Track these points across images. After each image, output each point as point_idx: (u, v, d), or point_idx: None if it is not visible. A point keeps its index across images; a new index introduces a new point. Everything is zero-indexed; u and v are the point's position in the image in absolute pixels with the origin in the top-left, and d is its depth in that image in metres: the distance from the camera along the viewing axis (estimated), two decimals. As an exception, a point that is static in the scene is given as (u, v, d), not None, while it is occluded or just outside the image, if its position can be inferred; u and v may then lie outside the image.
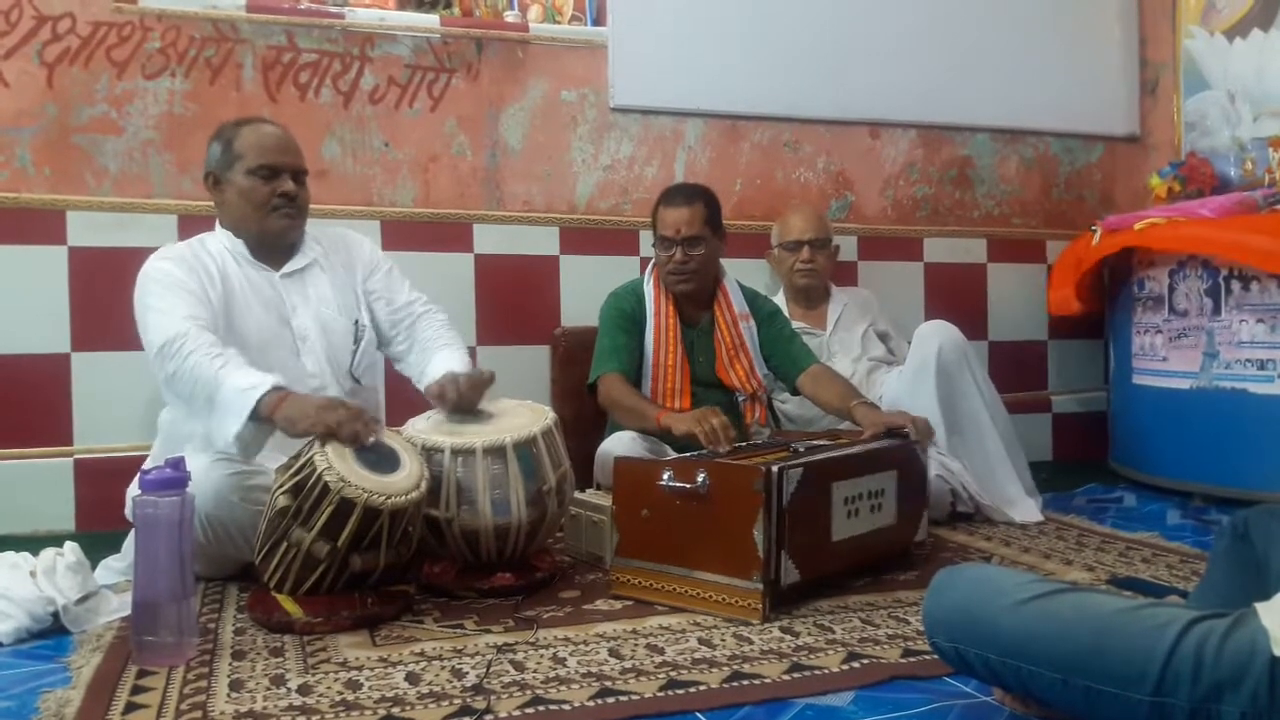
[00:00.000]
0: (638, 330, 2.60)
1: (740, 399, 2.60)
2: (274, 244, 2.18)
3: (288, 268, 2.19)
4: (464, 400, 2.02)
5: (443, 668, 1.53)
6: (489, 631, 1.71)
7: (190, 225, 2.65)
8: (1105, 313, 3.42)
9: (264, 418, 1.82)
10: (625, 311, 2.60)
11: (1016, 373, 3.53)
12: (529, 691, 1.42)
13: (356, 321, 2.24)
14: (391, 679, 1.48)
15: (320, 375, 2.14)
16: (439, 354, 2.23)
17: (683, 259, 2.54)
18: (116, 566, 2.04)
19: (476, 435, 1.93)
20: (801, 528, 1.80)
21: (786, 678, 1.48)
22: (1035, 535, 2.45)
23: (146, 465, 2.10)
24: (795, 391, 2.67)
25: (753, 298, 2.73)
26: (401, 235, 2.89)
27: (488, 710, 1.36)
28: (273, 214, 2.13)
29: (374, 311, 2.28)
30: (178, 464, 1.62)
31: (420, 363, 2.26)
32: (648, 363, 2.58)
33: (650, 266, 2.68)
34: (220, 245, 2.16)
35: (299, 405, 1.81)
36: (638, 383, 2.57)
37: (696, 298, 2.63)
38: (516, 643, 1.64)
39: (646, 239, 3.03)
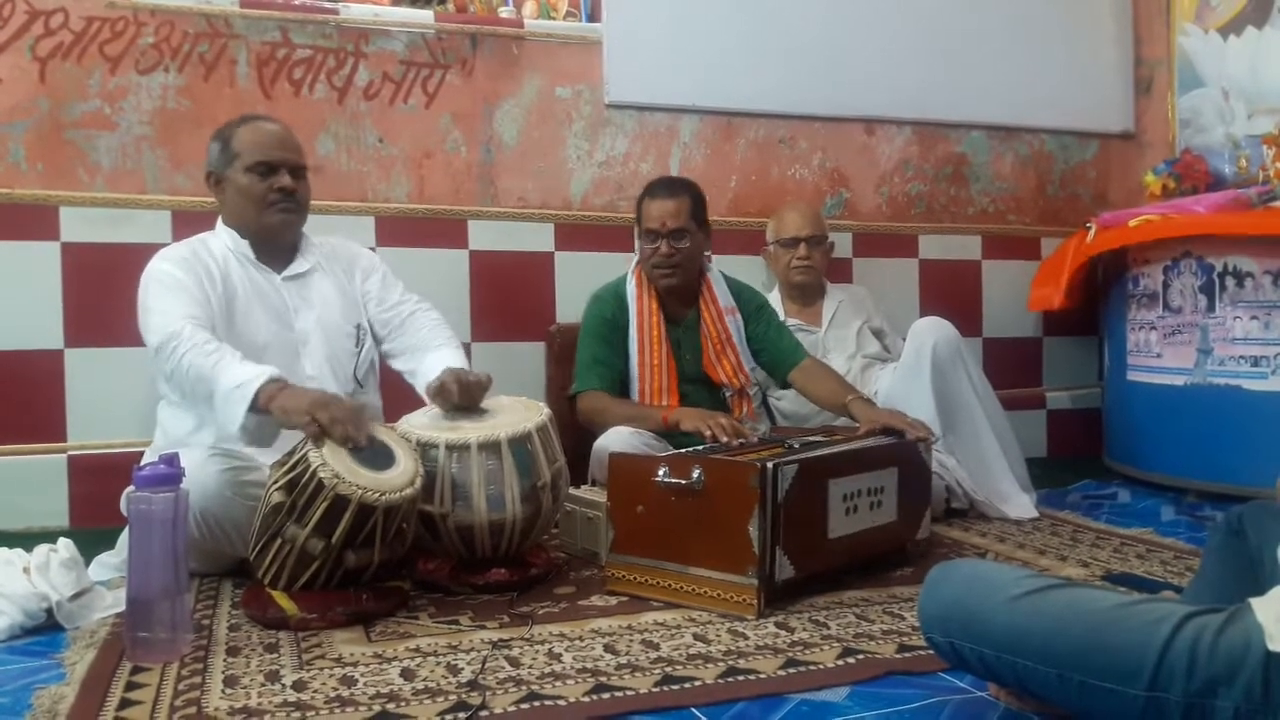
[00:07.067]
0: (619, 335, 2.58)
1: (728, 394, 2.60)
2: (274, 240, 2.18)
3: (290, 270, 2.20)
4: (464, 399, 2.02)
5: (438, 664, 1.53)
6: (484, 627, 1.71)
7: (184, 221, 2.65)
8: (1099, 309, 3.42)
9: (262, 409, 1.82)
10: (605, 317, 2.59)
11: (1011, 369, 3.52)
12: (524, 687, 1.42)
13: (358, 325, 2.26)
14: (386, 675, 1.48)
15: (320, 378, 2.14)
16: (434, 353, 2.24)
17: (668, 251, 2.54)
18: (111, 562, 2.04)
19: (471, 431, 1.93)
20: (797, 524, 1.80)
21: (781, 673, 1.48)
22: (1030, 531, 2.46)
23: (146, 458, 2.11)
24: (786, 385, 2.66)
25: (739, 291, 2.72)
26: (396, 231, 2.88)
27: (483, 706, 1.36)
28: (270, 209, 2.13)
29: (367, 311, 2.30)
30: (172, 460, 1.61)
31: (415, 361, 2.26)
32: (633, 364, 2.57)
33: (633, 264, 2.67)
34: (223, 245, 2.16)
35: (294, 398, 1.81)
36: (624, 387, 2.57)
37: (681, 293, 2.62)
38: (511, 638, 1.64)
39: (641, 235, 3.04)
